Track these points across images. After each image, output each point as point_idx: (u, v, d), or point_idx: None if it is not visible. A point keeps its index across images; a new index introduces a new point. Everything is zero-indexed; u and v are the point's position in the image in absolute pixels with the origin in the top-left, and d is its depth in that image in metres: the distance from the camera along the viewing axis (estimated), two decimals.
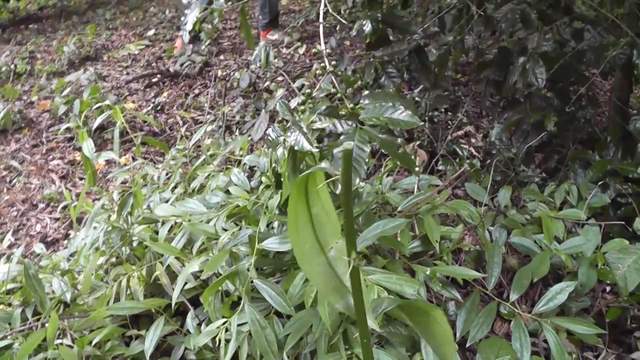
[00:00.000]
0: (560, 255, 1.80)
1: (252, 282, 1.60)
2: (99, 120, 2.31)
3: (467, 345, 1.68)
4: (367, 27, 2.34)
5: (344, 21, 3.72)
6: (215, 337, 1.59)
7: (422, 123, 2.63)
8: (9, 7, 8.46)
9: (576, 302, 1.85)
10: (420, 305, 0.41)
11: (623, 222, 2.00)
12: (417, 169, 1.94)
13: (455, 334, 1.71)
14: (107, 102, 2.38)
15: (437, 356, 0.49)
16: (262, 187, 2.00)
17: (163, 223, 2.04)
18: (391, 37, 2.54)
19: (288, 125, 1.68)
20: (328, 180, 0.40)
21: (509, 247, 2.10)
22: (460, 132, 3.30)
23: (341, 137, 1.60)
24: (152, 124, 4.27)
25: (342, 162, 0.38)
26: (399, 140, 1.59)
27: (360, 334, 0.44)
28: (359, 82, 2.47)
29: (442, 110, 3.51)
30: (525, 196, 2.27)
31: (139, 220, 2.15)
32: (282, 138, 1.66)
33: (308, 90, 1.77)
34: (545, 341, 1.83)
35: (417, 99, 3.25)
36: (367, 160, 1.57)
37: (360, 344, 0.46)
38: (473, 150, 2.93)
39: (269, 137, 1.69)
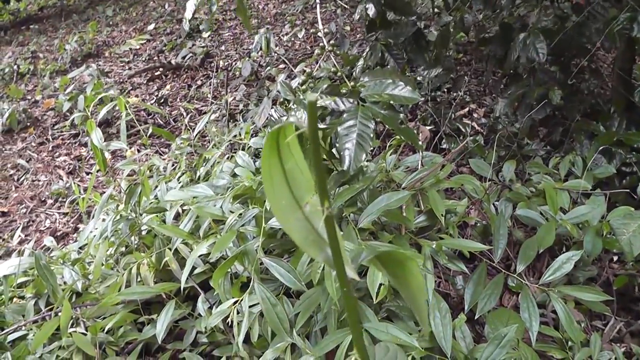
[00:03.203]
0: (566, 225, 1.80)
1: (261, 262, 1.61)
2: (104, 111, 2.32)
3: (476, 317, 1.69)
4: (371, 10, 2.33)
5: (345, 5, 3.71)
6: (226, 318, 1.60)
7: (423, 99, 2.62)
8: (9, 9, 8.50)
9: (583, 272, 1.86)
10: (397, 255, 0.41)
11: (628, 191, 2.00)
12: (420, 143, 1.94)
13: (463, 307, 1.72)
14: (111, 92, 2.39)
15: (411, 305, 0.50)
16: None
17: (170, 208, 2.05)
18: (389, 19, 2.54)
19: (290, 105, 1.68)
20: (297, 132, 0.40)
21: (515, 221, 2.11)
22: (463, 111, 3.30)
23: (344, 115, 1.61)
24: (156, 117, 4.28)
25: (307, 113, 0.38)
26: (401, 115, 1.59)
27: (339, 283, 0.45)
28: (360, 63, 2.47)
29: (445, 89, 3.50)
30: (529, 169, 2.27)
31: (147, 210, 2.16)
32: (284, 118, 1.67)
33: (308, 70, 1.76)
34: (554, 312, 1.84)
35: (418, 79, 3.25)
36: (372, 136, 1.57)
37: (344, 296, 0.46)
38: (477, 127, 2.93)
39: (272, 118, 1.70)
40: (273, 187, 0.43)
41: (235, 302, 1.59)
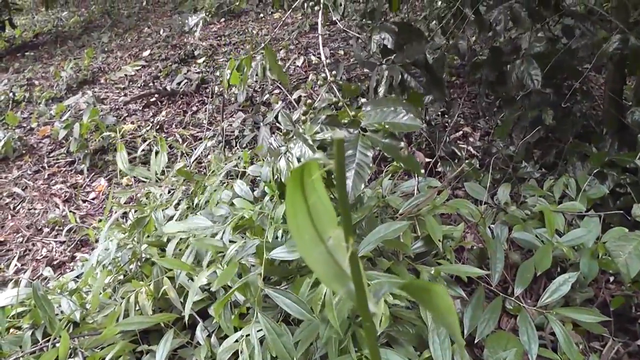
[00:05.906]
0: (561, 248, 1.82)
1: (262, 292, 1.62)
2: (141, 149, 2.33)
3: (475, 341, 1.70)
4: (388, 40, 2.35)
5: (357, 35, 3.72)
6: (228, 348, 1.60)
7: (424, 125, 2.63)
8: (4, 36, 8.54)
9: (580, 293, 1.87)
10: (421, 283, 0.43)
11: (622, 212, 2.02)
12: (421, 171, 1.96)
13: (462, 332, 1.72)
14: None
15: (443, 327, 0.51)
16: (266, 197, 2.01)
17: (170, 240, 2.05)
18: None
19: (290, 136, 1.70)
20: (322, 170, 0.42)
21: (511, 244, 2.12)
22: (458, 134, 3.33)
23: (344, 144, 1.62)
24: (152, 144, 4.29)
25: (335, 151, 0.40)
26: (402, 144, 1.60)
27: (362, 318, 0.46)
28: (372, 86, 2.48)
29: (440, 113, 3.54)
30: (524, 192, 2.29)
31: (149, 242, 2.16)
32: (283, 148, 1.69)
33: (309, 101, 1.78)
34: (552, 334, 1.84)
35: None
36: (370, 165, 1.59)
37: (366, 331, 0.48)
38: (472, 150, 2.95)
39: (271, 147, 1.71)
40: (297, 223, 0.44)
41: (241, 335, 1.59)
